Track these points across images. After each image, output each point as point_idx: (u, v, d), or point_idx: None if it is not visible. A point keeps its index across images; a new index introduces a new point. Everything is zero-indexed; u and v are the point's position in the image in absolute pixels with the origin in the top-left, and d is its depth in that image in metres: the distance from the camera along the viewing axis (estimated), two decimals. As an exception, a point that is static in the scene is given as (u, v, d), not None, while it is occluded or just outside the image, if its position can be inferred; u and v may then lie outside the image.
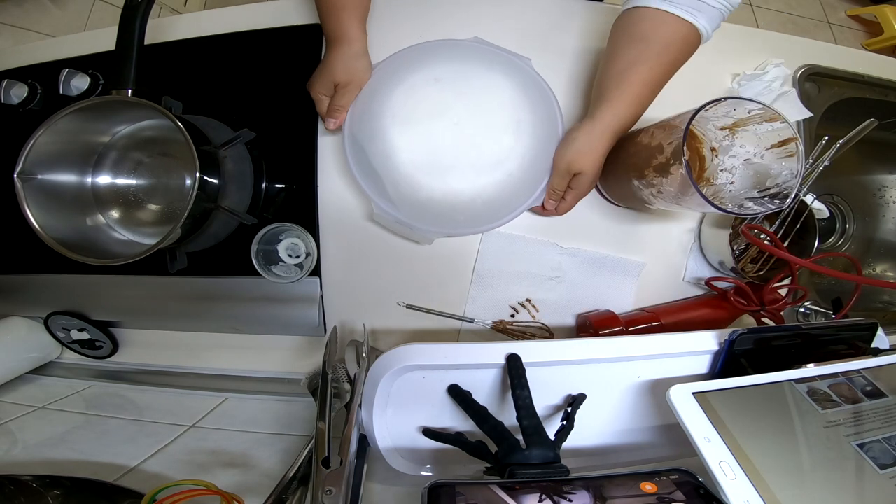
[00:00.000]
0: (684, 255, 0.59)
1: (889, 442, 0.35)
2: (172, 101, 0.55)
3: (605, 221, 0.58)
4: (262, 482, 0.40)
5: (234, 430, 0.51)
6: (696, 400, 0.36)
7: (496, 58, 0.54)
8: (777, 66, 0.59)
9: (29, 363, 0.61)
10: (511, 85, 0.53)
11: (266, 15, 0.60)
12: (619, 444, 0.45)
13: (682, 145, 0.38)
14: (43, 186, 0.49)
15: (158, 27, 0.60)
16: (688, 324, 0.55)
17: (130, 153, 0.56)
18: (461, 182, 0.53)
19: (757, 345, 0.42)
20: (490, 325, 0.57)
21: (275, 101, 0.58)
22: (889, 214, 0.76)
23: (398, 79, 0.55)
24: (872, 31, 1.91)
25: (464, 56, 0.55)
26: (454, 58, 0.55)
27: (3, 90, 0.60)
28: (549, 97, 0.53)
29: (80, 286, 0.60)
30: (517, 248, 0.57)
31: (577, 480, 0.32)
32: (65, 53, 0.62)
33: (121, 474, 0.41)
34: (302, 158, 0.57)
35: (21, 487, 0.37)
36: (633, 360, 0.43)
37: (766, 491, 0.31)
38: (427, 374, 0.42)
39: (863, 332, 0.45)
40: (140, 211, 0.57)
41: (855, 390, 0.39)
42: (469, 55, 0.55)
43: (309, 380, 0.50)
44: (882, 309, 0.71)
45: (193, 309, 0.59)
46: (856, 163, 0.77)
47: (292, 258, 0.57)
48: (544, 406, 0.43)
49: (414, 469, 0.43)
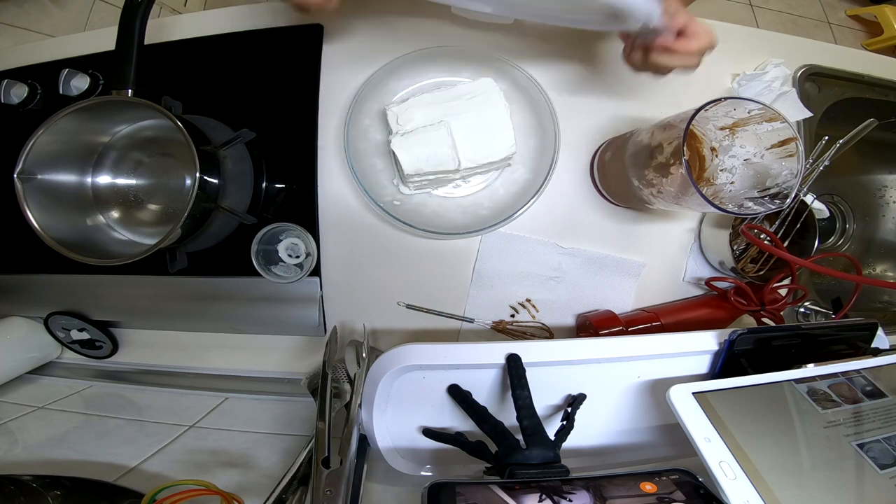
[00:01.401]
0: (684, 255, 0.59)
1: (889, 442, 0.35)
2: (172, 101, 0.55)
3: (605, 221, 0.58)
4: (262, 482, 0.40)
5: (234, 430, 0.51)
6: (696, 400, 0.36)
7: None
8: (777, 66, 0.59)
9: (29, 363, 0.61)
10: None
11: (266, 15, 0.60)
12: (619, 444, 0.45)
13: (682, 145, 0.38)
14: (43, 186, 0.49)
15: (158, 27, 0.60)
16: (688, 324, 0.55)
17: (130, 153, 0.56)
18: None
19: (757, 345, 0.42)
20: (490, 325, 0.57)
21: (275, 101, 0.58)
22: (889, 214, 0.76)
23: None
24: (872, 31, 1.91)
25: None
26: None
27: (3, 90, 0.60)
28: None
29: (80, 286, 0.60)
30: (517, 248, 0.57)
31: (577, 480, 0.32)
32: (65, 53, 0.62)
33: (121, 474, 0.41)
34: (302, 158, 0.57)
35: (21, 487, 0.37)
36: (633, 360, 0.43)
37: (766, 491, 0.31)
38: (427, 374, 0.42)
39: (863, 332, 0.45)
40: (140, 211, 0.56)
41: (855, 390, 0.39)
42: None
43: (309, 380, 0.50)
44: (882, 309, 0.71)
45: (193, 309, 0.59)
46: (856, 163, 0.77)
47: (292, 258, 0.57)
48: (544, 406, 0.43)
49: (414, 469, 0.43)
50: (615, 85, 0.59)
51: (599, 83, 0.59)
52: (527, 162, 0.55)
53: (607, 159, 0.55)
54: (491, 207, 0.55)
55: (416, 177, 0.51)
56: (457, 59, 0.56)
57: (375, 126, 0.55)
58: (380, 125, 0.55)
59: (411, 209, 0.55)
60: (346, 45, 0.59)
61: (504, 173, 0.56)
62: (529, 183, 0.54)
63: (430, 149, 0.49)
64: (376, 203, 0.52)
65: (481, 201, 0.56)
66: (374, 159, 0.55)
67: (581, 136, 0.58)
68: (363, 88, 0.53)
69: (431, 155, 0.50)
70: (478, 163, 0.50)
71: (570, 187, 0.58)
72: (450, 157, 0.50)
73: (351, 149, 0.52)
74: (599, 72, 0.59)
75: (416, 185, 0.54)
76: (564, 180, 0.58)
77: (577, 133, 0.58)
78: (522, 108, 0.55)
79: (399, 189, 0.55)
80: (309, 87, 0.58)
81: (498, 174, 0.56)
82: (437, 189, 0.56)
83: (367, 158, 0.55)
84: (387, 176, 0.56)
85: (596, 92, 0.59)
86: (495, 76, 0.53)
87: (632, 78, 0.59)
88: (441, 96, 0.51)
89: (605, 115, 0.59)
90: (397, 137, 0.50)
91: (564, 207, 0.58)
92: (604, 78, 0.59)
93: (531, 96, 0.55)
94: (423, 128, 0.50)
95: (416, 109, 0.51)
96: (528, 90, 0.54)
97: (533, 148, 0.55)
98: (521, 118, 0.55)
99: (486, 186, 0.56)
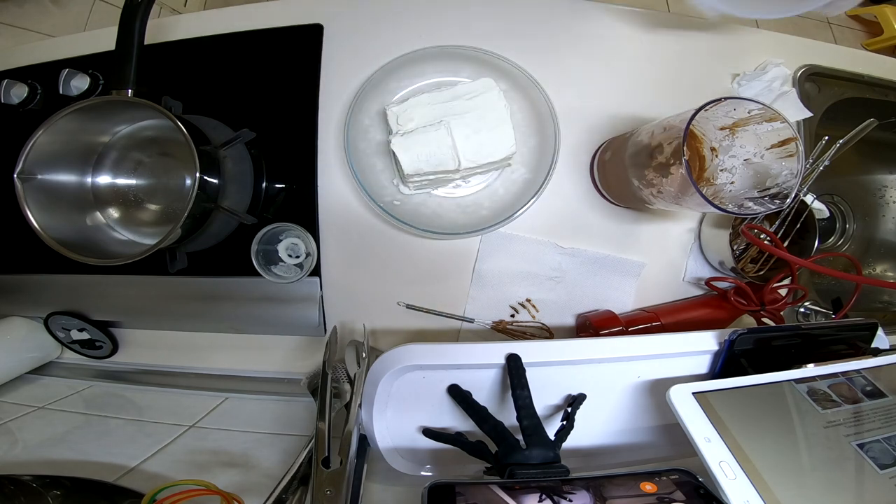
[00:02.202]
0: (684, 255, 0.59)
1: (889, 442, 0.35)
2: (172, 101, 0.55)
3: (605, 221, 0.58)
4: (262, 482, 0.40)
5: (234, 430, 0.51)
6: (696, 400, 0.36)
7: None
8: (777, 66, 0.59)
9: (29, 363, 0.61)
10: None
11: (266, 15, 0.60)
12: (619, 444, 0.45)
13: (682, 145, 0.38)
14: (43, 186, 0.49)
15: (158, 27, 0.60)
16: (688, 324, 0.55)
17: (130, 153, 0.56)
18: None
19: (757, 345, 0.42)
20: (490, 325, 0.57)
21: (275, 101, 0.58)
22: (889, 214, 0.76)
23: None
24: (872, 31, 1.91)
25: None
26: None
27: (3, 90, 0.60)
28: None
29: (80, 286, 0.60)
30: (517, 248, 0.57)
31: (577, 480, 0.32)
32: (65, 53, 0.62)
33: (121, 474, 0.41)
34: (302, 158, 0.57)
35: (21, 487, 0.37)
36: (633, 360, 0.43)
37: (766, 491, 0.31)
38: (427, 374, 0.42)
39: (863, 332, 0.45)
40: (140, 211, 0.56)
41: (855, 390, 0.39)
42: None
43: (309, 380, 0.50)
44: (882, 309, 0.71)
45: (193, 309, 0.59)
46: (856, 163, 0.77)
47: (292, 258, 0.57)
48: (544, 406, 0.43)
49: (414, 469, 0.43)
50: (615, 85, 0.59)
51: (600, 83, 0.59)
52: (527, 162, 0.55)
53: (607, 159, 0.55)
54: (491, 207, 0.55)
55: (416, 177, 0.51)
56: (457, 59, 0.56)
57: (375, 126, 0.55)
58: (380, 125, 0.55)
59: (411, 209, 0.55)
60: (347, 44, 0.59)
61: (504, 173, 0.56)
62: (529, 183, 0.54)
63: (430, 149, 0.49)
64: (376, 203, 0.52)
65: (481, 201, 0.56)
66: (374, 159, 0.55)
67: (581, 135, 0.58)
68: (363, 88, 0.53)
69: (431, 155, 0.50)
70: (478, 163, 0.50)
71: (570, 187, 0.58)
72: (450, 157, 0.50)
73: (351, 148, 0.52)
74: (600, 72, 0.59)
75: (416, 185, 0.54)
76: (564, 180, 0.58)
77: (577, 133, 0.58)
78: (522, 107, 0.55)
79: (399, 189, 0.55)
80: (309, 87, 0.58)
81: (498, 174, 0.56)
82: (437, 189, 0.56)
83: (368, 158, 0.55)
84: (387, 176, 0.55)
85: (596, 92, 0.59)
86: (495, 76, 0.53)
87: (632, 78, 0.60)
88: (441, 96, 0.51)
89: (606, 116, 0.59)
90: (397, 137, 0.50)
91: (564, 207, 0.58)
92: (604, 78, 0.59)
93: (531, 96, 0.54)
94: (423, 128, 0.50)
95: (416, 109, 0.51)
96: (528, 90, 0.54)
97: (533, 148, 0.55)
98: (521, 118, 0.55)
99: (486, 186, 0.56)
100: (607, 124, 0.59)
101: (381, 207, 0.52)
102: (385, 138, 0.55)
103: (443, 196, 0.56)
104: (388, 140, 0.51)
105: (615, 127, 0.58)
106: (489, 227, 0.52)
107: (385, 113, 0.52)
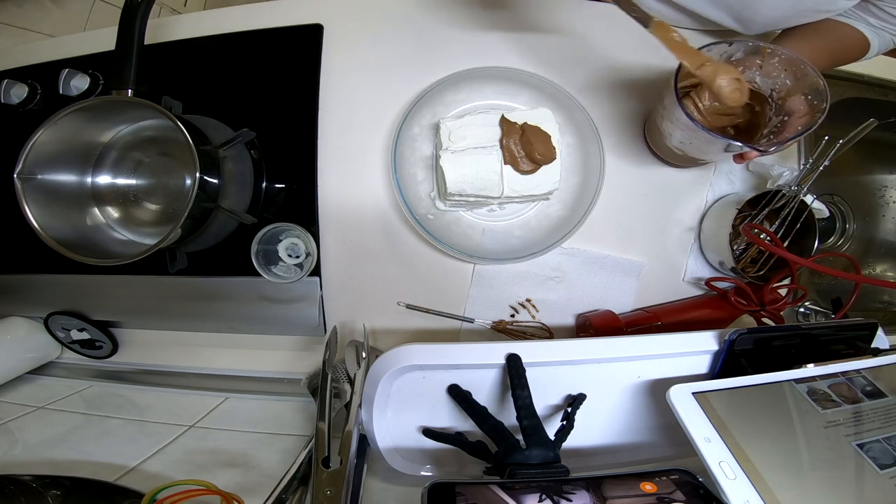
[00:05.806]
0: (684, 255, 0.59)
1: (889, 442, 0.35)
2: (172, 101, 0.55)
3: (605, 221, 0.58)
4: (262, 482, 0.40)
5: (234, 430, 0.51)
6: (696, 400, 0.36)
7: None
8: (777, 66, 0.58)
9: (29, 363, 0.61)
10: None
11: (266, 15, 0.61)
12: (619, 444, 0.45)
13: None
14: (43, 186, 0.49)
15: (158, 27, 0.60)
16: (688, 324, 0.55)
17: (130, 153, 0.56)
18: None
19: (757, 345, 0.42)
20: (490, 325, 0.57)
21: (275, 101, 0.58)
22: (889, 214, 0.76)
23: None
24: (872, 31, 1.91)
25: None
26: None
27: (3, 90, 0.60)
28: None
29: (80, 286, 0.60)
30: (517, 248, 0.57)
31: (577, 480, 0.32)
32: (65, 53, 0.62)
33: (121, 474, 0.41)
34: (302, 158, 0.57)
35: (21, 487, 0.37)
36: (633, 360, 0.43)
37: (766, 491, 0.31)
38: (427, 374, 0.42)
39: (863, 332, 0.45)
40: (140, 211, 0.56)
41: (855, 390, 0.39)
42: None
43: (309, 380, 0.50)
44: (882, 309, 0.71)
45: (193, 309, 0.59)
46: (856, 163, 0.77)
47: (292, 258, 0.57)
48: (544, 406, 0.43)
49: (414, 469, 0.43)
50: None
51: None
52: (565, 199, 0.55)
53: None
54: (521, 238, 0.55)
55: (458, 196, 0.50)
56: (517, 84, 0.55)
57: (424, 136, 0.55)
58: (428, 136, 0.55)
59: (443, 226, 0.54)
60: (347, 44, 0.59)
61: (540, 206, 0.56)
62: (564, 220, 0.54)
63: (477, 171, 0.49)
64: (412, 214, 0.51)
65: (512, 230, 0.55)
66: (415, 168, 0.55)
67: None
68: (421, 96, 0.53)
69: (477, 178, 0.49)
70: (520, 193, 0.50)
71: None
72: (495, 183, 0.49)
73: (397, 153, 0.52)
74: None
75: (452, 203, 0.54)
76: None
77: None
78: (571, 144, 0.55)
79: (435, 203, 0.55)
80: (309, 86, 0.58)
81: (534, 206, 0.56)
82: (471, 210, 0.55)
83: (410, 167, 0.55)
84: (425, 188, 0.55)
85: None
86: (553, 107, 0.52)
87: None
88: (497, 119, 0.50)
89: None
90: (447, 154, 0.49)
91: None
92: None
93: (583, 133, 0.54)
94: (475, 149, 0.49)
95: (470, 128, 0.50)
96: (582, 127, 0.54)
97: (573, 186, 0.55)
98: (568, 153, 0.55)
99: (519, 216, 0.56)
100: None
101: (416, 220, 0.51)
102: (431, 151, 0.54)
103: (474, 218, 0.56)
104: (435, 153, 0.51)
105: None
106: (516, 259, 0.52)
107: (438, 126, 0.51)
